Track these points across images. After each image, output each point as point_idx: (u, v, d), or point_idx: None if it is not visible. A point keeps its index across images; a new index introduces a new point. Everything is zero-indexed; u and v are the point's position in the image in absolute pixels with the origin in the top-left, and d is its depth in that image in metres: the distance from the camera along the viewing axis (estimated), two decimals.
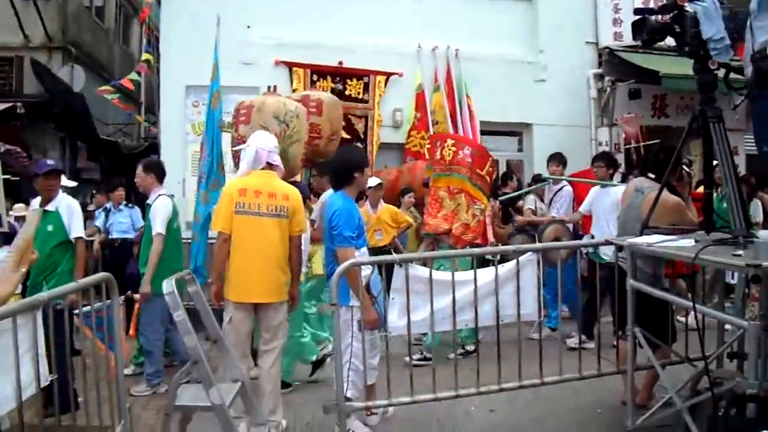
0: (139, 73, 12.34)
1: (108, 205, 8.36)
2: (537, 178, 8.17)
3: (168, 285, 2.83)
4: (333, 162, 4.59)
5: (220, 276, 4.24)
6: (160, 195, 5.48)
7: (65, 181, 7.17)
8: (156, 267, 5.22)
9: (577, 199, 7.22)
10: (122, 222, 8.05)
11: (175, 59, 8.93)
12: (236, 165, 5.36)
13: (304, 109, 5.24)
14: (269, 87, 6.05)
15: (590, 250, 5.29)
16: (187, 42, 8.80)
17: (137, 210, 8.11)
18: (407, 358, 5.06)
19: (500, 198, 7.84)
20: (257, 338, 4.59)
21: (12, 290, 3.26)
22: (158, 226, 5.30)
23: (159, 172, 5.63)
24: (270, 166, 4.33)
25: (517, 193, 8.06)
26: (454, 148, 5.76)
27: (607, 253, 5.53)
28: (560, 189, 7.31)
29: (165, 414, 3.03)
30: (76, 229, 4.99)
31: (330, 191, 5.50)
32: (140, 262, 5.51)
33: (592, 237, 6.25)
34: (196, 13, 8.84)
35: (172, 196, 5.66)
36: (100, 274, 3.80)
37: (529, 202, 8.11)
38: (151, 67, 12.07)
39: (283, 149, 4.81)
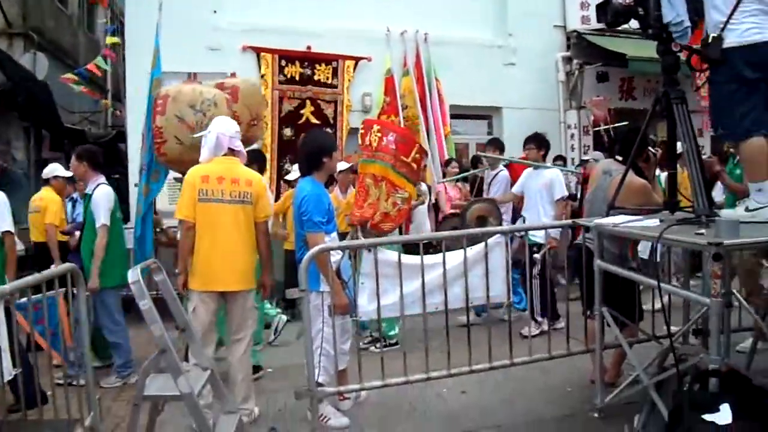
0: (105, 58, 12.07)
1: (75, 195, 8.21)
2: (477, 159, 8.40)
3: (134, 274, 2.79)
4: (301, 147, 4.55)
5: (186, 265, 4.20)
6: (99, 184, 5.32)
7: (62, 171, 7.09)
8: (102, 260, 5.11)
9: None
10: None
11: (140, 45, 8.71)
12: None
13: (224, 96, 5.07)
14: (189, 75, 5.92)
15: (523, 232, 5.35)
16: (153, 27, 8.62)
17: None
18: (373, 348, 5.11)
19: (440, 180, 7.92)
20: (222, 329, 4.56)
21: None
22: (102, 218, 5.15)
23: (93, 161, 5.45)
24: (232, 152, 4.30)
25: (456, 177, 8.00)
26: (379, 134, 5.55)
27: (536, 235, 5.71)
28: (497, 173, 7.36)
29: (133, 404, 3.00)
30: (1, 223, 4.74)
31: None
32: (83, 254, 5.32)
33: (524, 219, 6.32)
34: None
35: (136, 184, 5.52)
36: (66, 265, 3.75)
37: None
38: (117, 51, 11.80)
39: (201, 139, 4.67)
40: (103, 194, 5.24)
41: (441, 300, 4.07)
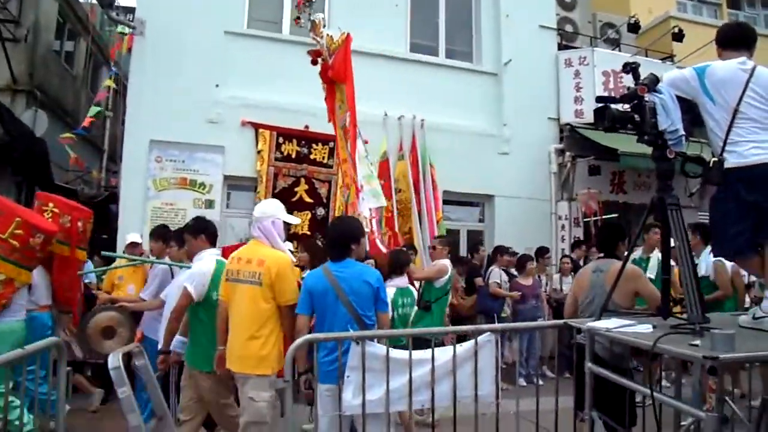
0: (98, 104, 11.97)
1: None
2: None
3: (114, 359, 2.69)
4: (329, 233, 4.55)
5: (222, 342, 4.20)
6: None
7: None
8: None
9: None
10: None
11: (141, 113, 8.87)
12: None
13: None
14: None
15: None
16: (155, 96, 8.77)
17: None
18: None
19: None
20: None
21: None
22: None
23: None
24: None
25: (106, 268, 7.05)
26: None
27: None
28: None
29: None
30: None
31: None
32: None
33: None
34: (165, 68, 8.85)
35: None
36: (49, 339, 3.61)
37: (494, 275, 8.10)
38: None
39: None
40: None
41: (427, 397, 3.95)
